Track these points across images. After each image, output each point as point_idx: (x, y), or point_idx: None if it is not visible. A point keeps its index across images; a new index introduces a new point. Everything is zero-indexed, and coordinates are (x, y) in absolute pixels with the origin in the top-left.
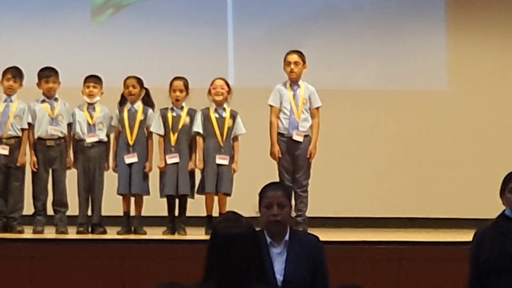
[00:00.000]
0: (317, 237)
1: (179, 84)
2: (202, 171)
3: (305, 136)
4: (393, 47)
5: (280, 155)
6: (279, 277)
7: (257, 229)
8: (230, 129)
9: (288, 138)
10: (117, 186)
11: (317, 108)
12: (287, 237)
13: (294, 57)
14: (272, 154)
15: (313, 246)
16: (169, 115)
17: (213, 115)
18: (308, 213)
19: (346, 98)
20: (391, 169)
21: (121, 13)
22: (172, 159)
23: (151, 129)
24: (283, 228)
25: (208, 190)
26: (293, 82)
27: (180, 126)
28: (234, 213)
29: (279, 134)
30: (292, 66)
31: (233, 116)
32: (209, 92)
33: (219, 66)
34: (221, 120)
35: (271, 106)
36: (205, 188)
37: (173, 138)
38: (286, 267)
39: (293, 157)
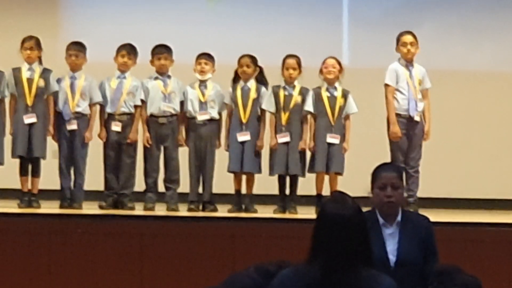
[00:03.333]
0: (427, 218)
1: (292, 62)
2: (313, 149)
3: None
4: (510, 25)
5: (400, 135)
6: (392, 257)
7: (368, 209)
8: (342, 108)
9: (406, 118)
10: (228, 163)
11: (427, 89)
12: (399, 218)
13: (409, 38)
14: (393, 133)
15: (424, 227)
16: (281, 93)
17: (325, 94)
18: (420, 194)
19: (460, 79)
20: (504, 150)
21: None
22: (283, 138)
23: (263, 106)
24: (396, 209)
25: (318, 169)
26: (408, 62)
27: (292, 105)
28: (341, 193)
29: (396, 114)
30: (409, 46)
31: (345, 95)
32: (321, 71)
33: (334, 46)
34: (332, 99)
35: (387, 85)
36: (315, 166)
37: (284, 117)
38: (399, 247)
39: (409, 137)
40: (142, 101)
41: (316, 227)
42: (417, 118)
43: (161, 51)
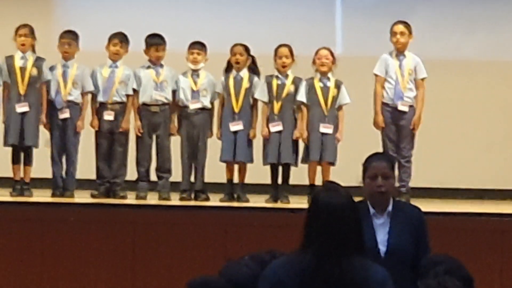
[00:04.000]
0: (419, 209)
1: (284, 50)
2: (307, 140)
3: (410, 106)
4: (503, 15)
5: (383, 125)
6: (382, 248)
7: (360, 199)
8: (335, 98)
9: (392, 108)
10: (221, 153)
11: (422, 79)
12: (390, 208)
13: (400, 28)
14: (375, 123)
15: (415, 218)
16: (274, 82)
17: (318, 84)
18: (413, 184)
19: (453, 68)
20: (498, 140)
21: None
22: (275, 127)
23: (256, 96)
24: (387, 199)
25: (313, 158)
26: (399, 52)
27: (284, 94)
28: (334, 183)
29: (383, 104)
30: (398, 36)
31: (338, 85)
32: (314, 62)
33: (327, 34)
34: (325, 89)
35: (376, 75)
36: (309, 157)
37: (277, 106)
38: (389, 238)
39: (398, 127)
40: (134, 90)
41: (308, 216)
42: (402, 108)
43: (159, 42)
